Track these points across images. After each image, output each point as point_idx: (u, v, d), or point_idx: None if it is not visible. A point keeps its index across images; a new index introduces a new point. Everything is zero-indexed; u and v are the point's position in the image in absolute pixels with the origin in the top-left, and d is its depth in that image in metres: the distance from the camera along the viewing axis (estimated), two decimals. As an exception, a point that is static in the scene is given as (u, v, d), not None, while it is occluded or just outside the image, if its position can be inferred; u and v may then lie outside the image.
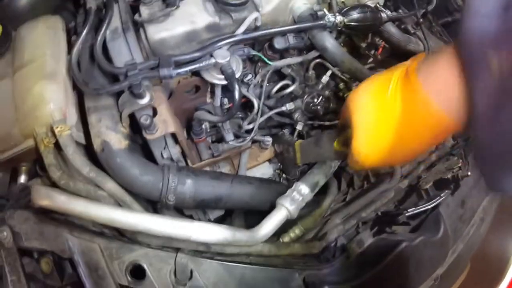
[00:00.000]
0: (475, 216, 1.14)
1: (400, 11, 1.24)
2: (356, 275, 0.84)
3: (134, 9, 0.94)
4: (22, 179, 0.94)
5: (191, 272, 0.73)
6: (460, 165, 1.10)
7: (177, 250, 0.75)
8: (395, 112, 0.54)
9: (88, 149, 0.89)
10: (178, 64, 0.77)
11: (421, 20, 1.20)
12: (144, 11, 0.86)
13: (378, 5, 1.04)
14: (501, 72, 0.39)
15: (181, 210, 1.02)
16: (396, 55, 1.25)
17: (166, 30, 0.83)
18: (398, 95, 0.54)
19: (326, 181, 0.94)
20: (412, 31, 1.23)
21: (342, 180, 1.38)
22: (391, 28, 1.11)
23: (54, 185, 0.80)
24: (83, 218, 0.73)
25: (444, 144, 1.22)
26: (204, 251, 0.77)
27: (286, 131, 1.14)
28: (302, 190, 0.85)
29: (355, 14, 0.95)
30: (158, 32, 0.83)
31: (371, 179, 1.30)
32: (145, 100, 0.75)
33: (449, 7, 1.61)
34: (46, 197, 0.70)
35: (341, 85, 1.12)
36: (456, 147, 1.18)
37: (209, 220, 1.06)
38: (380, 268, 0.85)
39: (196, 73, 0.86)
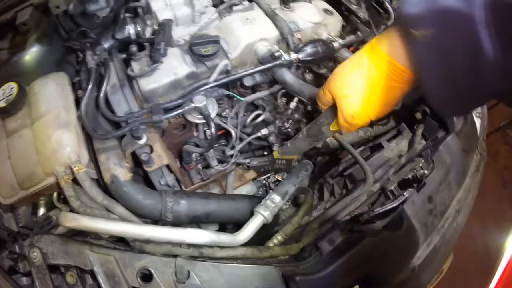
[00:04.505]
0: (448, 209, 1.32)
1: (359, 33, 1.52)
2: (325, 267, 1.10)
3: (126, 61, 1.27)
4: (41, 211, 1.22)
5: (188, 272, 1.00)
6: (421, 165, 1.32)
7: (176, 256, 1.02)
8: (373, 78, 0.80)
9: (98, 182, 1.20)
10: (167, 110, 1.08)
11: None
12: (135, 66, 1.17)
13: (330, 36, 1.34)
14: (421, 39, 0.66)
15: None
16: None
17: (155, 82, 1.13)
18: (371, 66, 0.80)
19: (296, 189, 1.20)
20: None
21: (324, 190, 1.68)
22: (344, 53, 1.38)
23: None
24: (104, 233, 1.01)
25: (414, 148, 1.51)
26: (197, 256, 1.04)
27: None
28: (274, 199, 1.11)
29: (308, 50, 1.22)
30: (149, 84, 1.13)
31: (349, 186, 1.59)
32: (143, 141, 1.07)
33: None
34: (72, 220, 0.97)
35: (309, 107, 1.42)
36: (425, 148, 1.42)
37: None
38: (345, 260, 1.11)
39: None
